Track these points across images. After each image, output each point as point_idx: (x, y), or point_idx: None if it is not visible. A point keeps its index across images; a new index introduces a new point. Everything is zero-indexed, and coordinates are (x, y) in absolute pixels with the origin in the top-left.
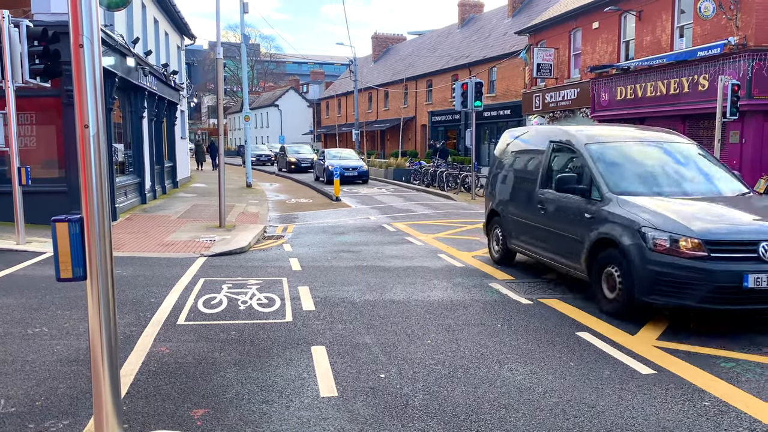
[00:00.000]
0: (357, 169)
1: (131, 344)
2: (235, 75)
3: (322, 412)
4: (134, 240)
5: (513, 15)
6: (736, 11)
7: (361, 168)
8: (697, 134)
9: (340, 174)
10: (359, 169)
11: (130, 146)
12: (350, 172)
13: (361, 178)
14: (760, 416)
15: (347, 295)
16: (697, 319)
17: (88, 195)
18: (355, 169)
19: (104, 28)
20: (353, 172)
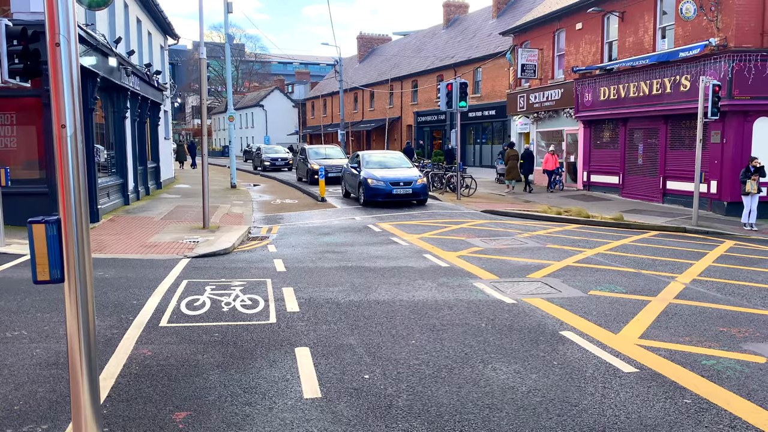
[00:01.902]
0: (411, 184)
1: (112, 347)
2: (219, 75)
3: (306, 414)
4: (117, 241)
5: (498, 16)
6: (717, 13)
7: (415, 182)
8: (679, 134)
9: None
10: (414, 184)
11: (112, 147)
12: (401, 188)
13: (417, 197)
14: (740, 413)
15: (332, 296)
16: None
17: (66, 196)
18: (408, 183)
19: (86, 27)
20: (405, 188)
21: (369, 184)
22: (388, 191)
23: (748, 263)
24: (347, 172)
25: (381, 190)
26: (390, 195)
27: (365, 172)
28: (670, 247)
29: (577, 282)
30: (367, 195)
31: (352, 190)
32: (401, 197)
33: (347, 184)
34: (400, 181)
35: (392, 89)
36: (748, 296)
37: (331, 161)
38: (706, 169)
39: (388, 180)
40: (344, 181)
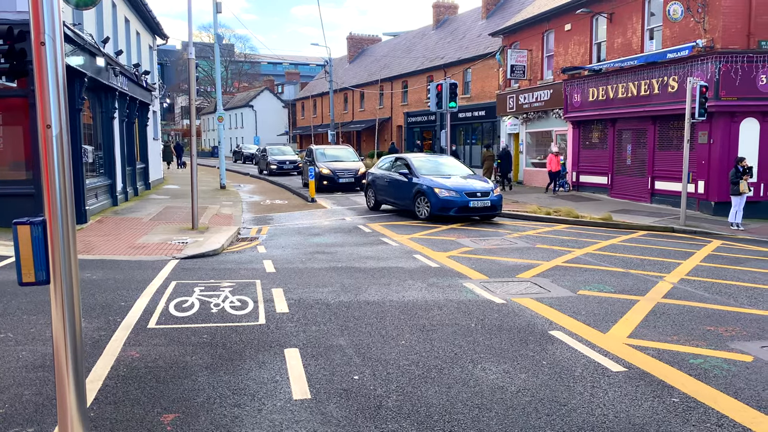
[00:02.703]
0: (489, 195)
1: (100, 349)
2: (209, 75)
3: (295, 415)
4: (105, 242)
5: (487, 17)
6: (704, 14)
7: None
8: (667, 135)
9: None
10: (491, 195)
11: (100, 147)
12: (479, 200)
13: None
14: (727, 411)
15: (321, 297)
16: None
17: (51, 197)
18: (485, 195)
19: (73, 27)
20: (483, 199)
21: (438, 195)
22: (463, 203)
23: (735, 263)
24: (385, 178)
25: (454, 202)
26: (466, 208)
27: (426, 181)
28: (658, 247)
29: (566, 282)
30: (436, 208)
31: (398, 201)
32: (479, 211)
33: (385, 193)
34: (477, 192)
35: (382, 90)
36: (735, 295)
37: (342, 164)
38: (693, 170)
39: (464, 190)
40: (376, 188)
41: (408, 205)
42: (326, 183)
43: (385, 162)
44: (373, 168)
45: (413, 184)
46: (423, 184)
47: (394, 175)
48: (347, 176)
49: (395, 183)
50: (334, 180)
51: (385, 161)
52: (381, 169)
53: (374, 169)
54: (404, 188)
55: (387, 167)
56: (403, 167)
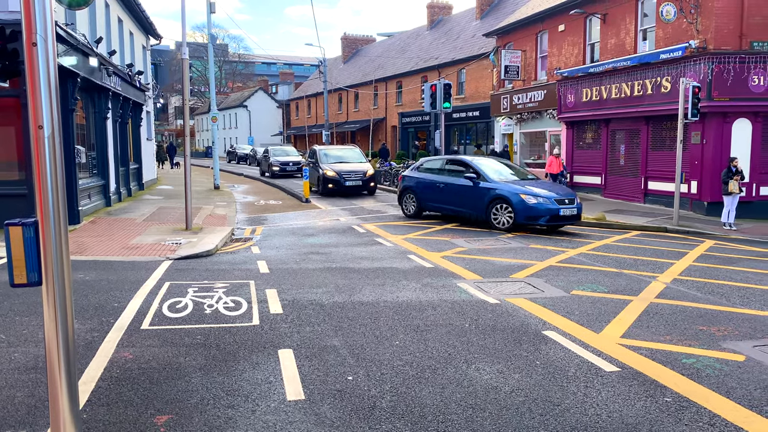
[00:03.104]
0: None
1: (93, 350)
2: (202, 75)
3: (289, 416)
4: (98, 243)
5: (481, 17)
6: (697, 15)
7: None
8: (660, 135)
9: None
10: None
11: (93, 148)
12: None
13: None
14: (719, 411)
15: (315, 298)
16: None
17: (43, 198)
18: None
19: (65, 27)
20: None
21: (526, 203)
22: (554, 211)
23: (727, 262)
24: (436, 183)
25: (544, 209)
26: (557, 217)
27: (504, 186)
28: (651, 247)
29: (559, 282)
30: (523, 216)
31: (460, 208)
32: (567, 219)
33: (436, 199)
34: (564, 198)
35: (377, 90)
36: (728, 295)
37: (349, 166)
38: (686, 170)
39: (552, 197)
40: (418, 194)
41: (476, 213)
42: (332, 186)
43: (426, 164)
44: (408, 171)
45: (486, 189)
46: (501, 190)
47: (451, 180)
48: (354, 179)
49: (454, 189)
50: (340, 183)
51: (427, 163)
52: (422, 171)
53: (411, 172)
54: (471, 195)
55: (433, 170)
56: (468, 171)
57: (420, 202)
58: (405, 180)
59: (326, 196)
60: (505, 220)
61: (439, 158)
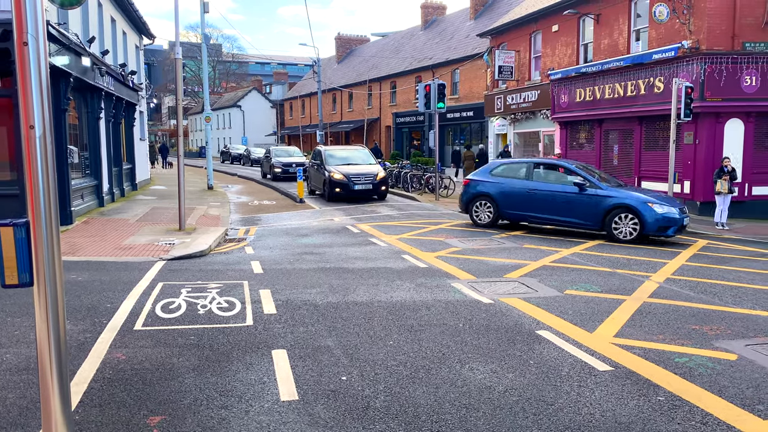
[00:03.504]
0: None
1: (85, 351)
2: (196, 75)
3: (282, 416)
4: (91, 244)
5: (475, 17)
6: (689, 16)
7: None
8: (653, 135)
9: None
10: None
11: (86, 148)
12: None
13: None
14: (711, 410)
15: (309, 298)
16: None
17: (35, 198)
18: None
19: (58, 26)
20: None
21: (656, 212)
22: (681, 221)
23: (720, 262)
24: (524, 188)
25: (673, 220)
26: (683, 227)
27: (625, 194)
28: (644, 247)
29: (553, 281)
30: (653, 227)
31: (563, 218)
32: (684, 230)
33: (525, 206)
34: (682, 207)
35: (371, 90)
36: (720, 294)
37: (357, 168)
38: (679, 170)
39: (677, 205)
40: (498, 200)
41: (585, 222)
42: (339, 190)
43: (502, 169)
44: (476, 174)
45: (602, 198)
46: (623, 198)
47: (547, 186)
48: (364, 182)
49: (553, 196)
50: (348, 187)
51: (503, 168)
52: (500, 176)
53: (482, 176)
54: (580, 203)
55: (516, 175)
56: (573, 176)
57: (499, 209)
58: (478, 185)
59: (332, 201)
60: (628, 230)
61: (519, 162)
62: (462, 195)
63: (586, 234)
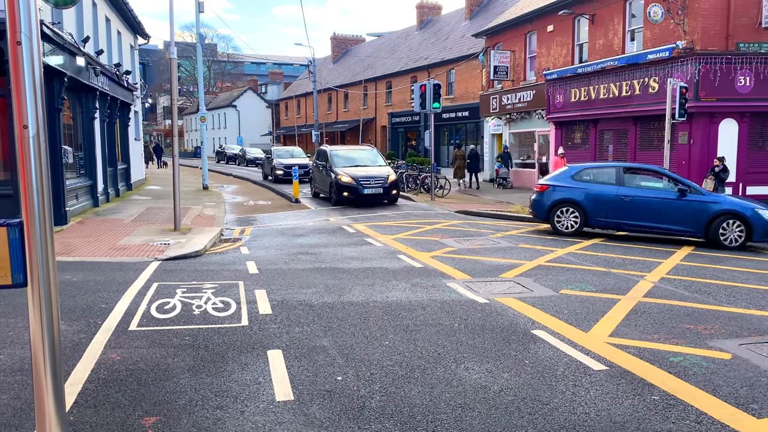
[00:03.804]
0: None
1: (80, 352)
2: (191, 75)
3: (278, 417)
4: (85, 244)
5: (470, 17)
6: (684, 16)
7: None
8: (648, 135)
9: None
10: None
11: (81, 148)
12: None
13: None
14: (705, 408)
15: (305, 298)
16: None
17: (28, 198)
18: None
19: (52, 26)
20: None
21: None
22: None
23: (714, 261)
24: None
25: None
26: None
27: (733, 201)
28: (639, 246)
29: (548, 281)
30: (761, 234)
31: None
32: None
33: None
34: None
35: (366, 90)
36: (714, 294)
37: (366, 170)
38: (674, 170)
39: None
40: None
41: (686, 229)
42: (347, 195)
43: (586, 173)
44: (555, 179)
45: (706, 204)
46: (730, 204)
47: (641, 193)
48: (374, 186)
49: (652, 202)
50: (358, 191)
51: (587, 172)
52: (586, 182)
53: (561, 181)
54: (681, 210)
55: (605, 181)
56: (671, 183)
57: (587, 217)
58: (561, 191)
59: (339, 205)
60: (734, 237)
61: (607, 166)
62: (539, 201)
63: (580, 233)
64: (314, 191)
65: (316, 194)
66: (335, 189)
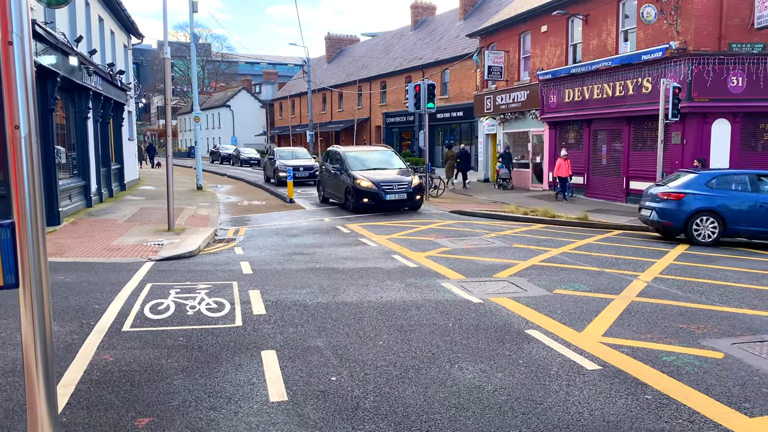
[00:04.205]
0: None
1: (73, 353)
2: (185, 75)
3: (272, 417)
4: (79, 245)
5: (465, 18)
6: (677, 17)
7: None
8: (641, 135)
9: None
10: None
11: (74, 148)
12: None
13: None
14: (698, 407)
15: (299, 298)
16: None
17: (20, 199)
18: None
19: (45, 25)
20: None
21: None
22: None
23: (707, 261)
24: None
25: None
26: None
27: None
28: (632, 246)
29: (542, 281)
30: None
31: None
32: None
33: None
34: None
35: (361, 90)
36: (707, 293)
37: (387, 173)
38: (667, 170)
39: None
40: (727, 216)
41: None
42: (367, 201)
43: (720, 181)
44: (688, 187)
45: None
46: None
47: None
48: (398, 191)
49: None
50: (379, 197)
51: (720, 180)
52: (720, 189)
53: (695, 188)
54: None
55: (736, 188)
56: None
57: (727, 226)
58: (697, 200)
59: (358, 212)
60: None
61: (739, 173)
62: (675, 211)
63: (574, 234)
64: (323, 196)
65: (326, 199)
66: (353, 194)
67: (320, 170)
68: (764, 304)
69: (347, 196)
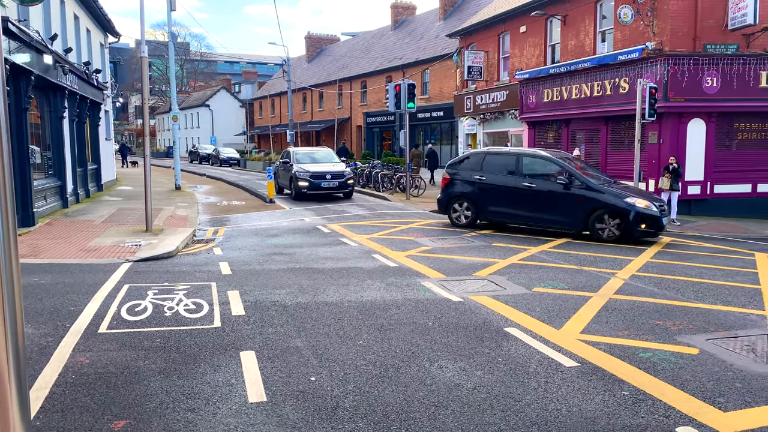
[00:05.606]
0: None
1: (47, 356)
2: (163, 74)
3: (250, 418)
4: (54, 246)
5: (444, 18)
6: (653, 18)
7: None
8: (618, 135)
9: None
10: None
11: (49, 148)
12: None
13: None
14: (673, 403)
15: (278, 299)
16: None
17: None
18: None
19: (18, 23)
20: None
21: None
22: None
23: (683, 258)
24: None
25: None
26: None
27: None
28: (610, 245)
29: (521, 279)
30: None
31: None
32: None
33: None
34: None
35: (341, 90)
36: (683, 290)
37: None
38: (644, 169)
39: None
40: None
41: None
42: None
43: None
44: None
45: None
46: None
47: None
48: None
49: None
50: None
51: None
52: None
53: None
54: None
55: None
56: None
57: None
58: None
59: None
60: None
61: None
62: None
63: (552, 232)
64: (278, 187)
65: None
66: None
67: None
68: (738, 300)
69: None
